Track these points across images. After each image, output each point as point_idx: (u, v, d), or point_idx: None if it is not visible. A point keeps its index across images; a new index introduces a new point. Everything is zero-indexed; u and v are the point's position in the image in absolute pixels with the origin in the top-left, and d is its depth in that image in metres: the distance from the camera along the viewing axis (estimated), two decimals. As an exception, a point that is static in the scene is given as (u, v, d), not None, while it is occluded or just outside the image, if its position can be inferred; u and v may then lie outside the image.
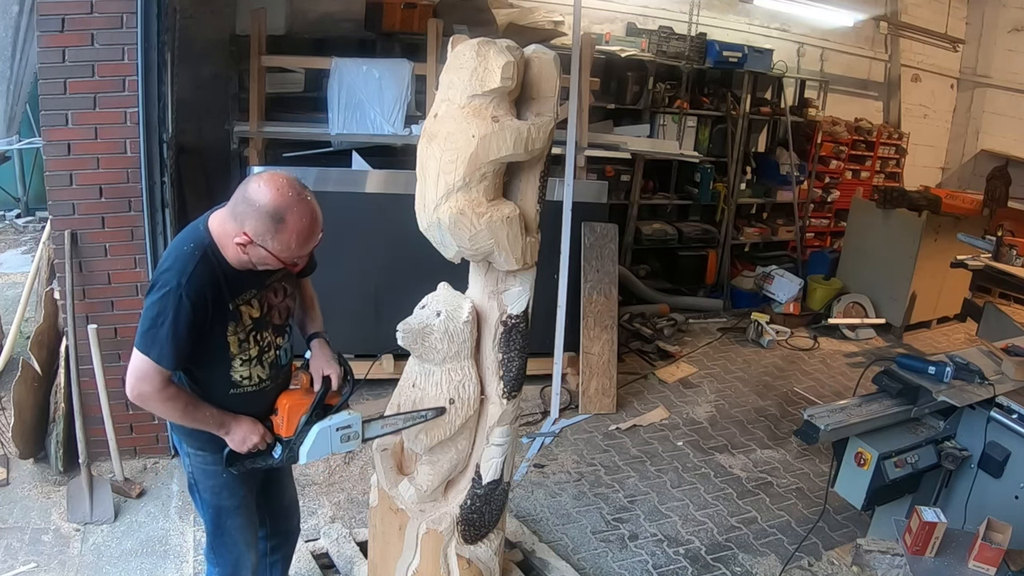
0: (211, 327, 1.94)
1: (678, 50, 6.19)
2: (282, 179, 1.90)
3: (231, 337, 2.00)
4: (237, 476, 2.14)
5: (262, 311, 2.06)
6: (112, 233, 3.33)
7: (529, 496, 3.64)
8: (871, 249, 6.37)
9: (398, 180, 4.30)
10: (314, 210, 1.92)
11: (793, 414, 4.66)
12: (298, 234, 1.89)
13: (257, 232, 1.87)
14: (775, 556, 3.35)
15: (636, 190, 6.20)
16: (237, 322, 2.00)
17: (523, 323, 2.27)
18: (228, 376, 2.05)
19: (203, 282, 1.89)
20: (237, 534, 2.26)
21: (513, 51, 2.00)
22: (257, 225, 1.86)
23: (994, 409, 2.87)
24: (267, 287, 2.07)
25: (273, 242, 1.88)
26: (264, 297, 2.07)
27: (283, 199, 1.86)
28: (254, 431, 2.04)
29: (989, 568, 2.35)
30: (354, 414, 2.10)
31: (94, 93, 3.17)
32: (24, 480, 3.39)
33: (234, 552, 2.28)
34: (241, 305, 2.00)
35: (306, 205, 1.89)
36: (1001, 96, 8.28)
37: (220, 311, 1.95)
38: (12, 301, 4.95)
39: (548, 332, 3.81)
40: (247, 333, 2.02)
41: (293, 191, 1.88)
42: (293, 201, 1.87)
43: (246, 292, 2.01)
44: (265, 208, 1.85)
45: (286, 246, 1.90)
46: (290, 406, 2.09)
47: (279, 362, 2.16)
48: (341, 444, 2.07)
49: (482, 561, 2.41)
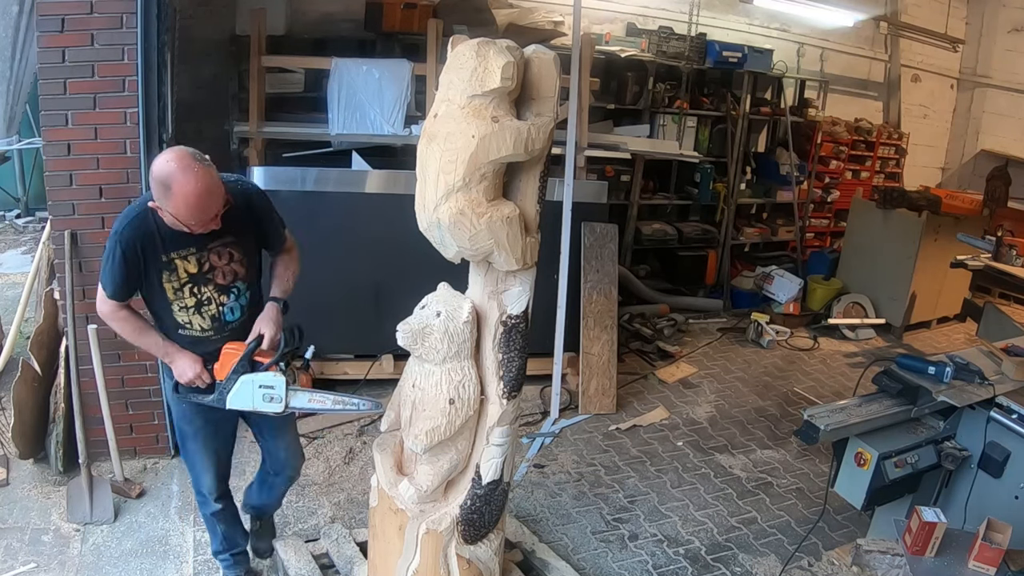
0: (147, 272, 2.28)
1: (678, 50, 6.19)
2: (174, 151, 2.15)
3: (166, 284, 2.32)
4: (194, 408, 2.46)
5: (200, 268, 2.34)
6: (112, 233, 3.33)
7: (529, 496, 3.64)
8: (871, 249, 6.37)
9: (398, 180, 4.30)
10: (200, 179, 2.11)
11: (793, 414, 4.66)
12: (184, 199, 2.11)
13: (157, 198, 2.16)
14: (775, 556, 3.35)
15: (636, 190, 6.20)
16: (171, 272, 2.31)
17: (523, 323, 2.27)
18: (173, 317, 2.38)
19: (136, 234, 2.23)
20: (195, 457, 2.61)
21: (513, 51, 2.00)
22: (155, 191, 2.15)
23: (994, 409, 2.87)
24: (208, 249, 2.33)
25: (167, 206, 2.14)
26: (205, 257, 2.34)
27: (168, 169, 2.10)
28: (191, 367, 2.35)
29: (989, 568, 2.35)
30: (280, 377, 2.30)
31: (94, 93, 3.17)
32: (24, 480, 3.39)
33: (194, 469, 2.66)
34: (176, 259, 2.30)
35: (191, 174, 2.10)
36: (1001, 96, 8.28)
37: (154, 260, 2.28)
38: (12, 301, 4.95)
39: (548, 332, 3.80)
40: (182, 284, 2.33)
41: (179, 162, 2.10)
42: (177, 170, 2.09)
43: (184, 249, 2.29)
44: (156, 177, 2.13)
45: (177, 210, 2.13)
46: (226, 354, 2.35)
47: (223, 317, 2.42)
48: (263, 402, 2.30)
49: (482, 561, 2.41)
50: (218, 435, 2.61)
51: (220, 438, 2.63)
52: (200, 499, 2.73)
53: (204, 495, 2.69)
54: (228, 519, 2.80)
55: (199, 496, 2.73)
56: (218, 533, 2.81)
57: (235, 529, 2.85)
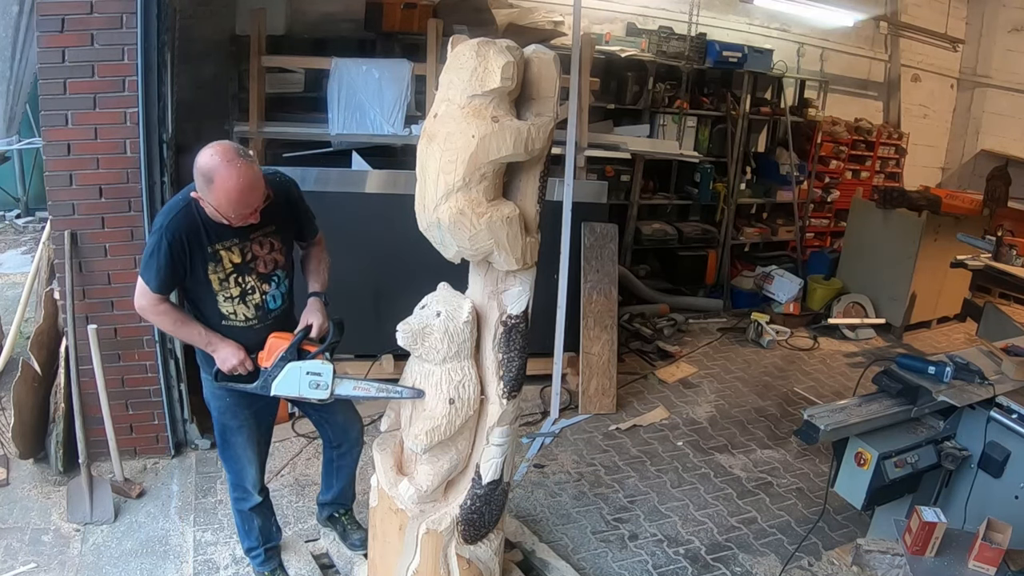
0: (193, 264, 2.32)
1: (678, 50, 6.19)
2: (219, 145, 2.19)
3: (212, 275, 2.36)
4: (239, 402, 2.52)
5: (244, 258, 2.39)
6: (112, 233, 3.33)
7: (529, 496, 3.64)
8: (871, 249, 6.37)
9: (398, 180, 4.30)
10: (243, 174, 2.16)
11: (793, 414, 4.66)
12: (226, 193, 2.17)
13: (200, 190, 2.22)
14: (775, 556, 3.35)
15: (636, 190, 6.19)
16: (217, 263, 2.35)
17: (523, 323, 2.27)
18: (217, 309, 2.41)
19: (182, 226, 2.27)
20: (240, 450, 2.63)
21: (513, 51, 2.00)
22: (198, 183, 2.21)
23: (994, 409, 2.87)
24: (251, 239, 2.40)
25: (209, 198, 2.20)
26: (248, 247, 2.40)
27: (212, 163, 2.15)
28: (235, 355, 2.38)
29: (989, 568, 2.34)
30: (327, 365, 2.34)
31: (94, 93, 3.17)
32: (24, 480, 3.40)
33: (238, 464, 2.66)
34: (221, 250, 2.34)
35: (234, 169, 2.15)
36: (1001, 96, 8.27)
37: (200, 252, 2.32)
38: (12, 301, 4.95)
39: (548, 332, 3.79)
40: (227, 275, 2.38)
41: (223, 156, 2.15)
42: (221, 164, 2.15)
43: (227, 240, 2.35)
44: (200, 169, 2.18)
45: (219, 203, 2.20)
46: (272, 342, 2.39)
47: (266, 305, 2.48)
48: (309, 389, 2.32)
49: (482, 561, 2.42)
50: (260, 427, 2.66)
51: (262, 429, 2.69)
52: (240, 494, 2.72)
53: (247, 489, 2.69)
54: (266, 513, 2.81)
55: (239, 491, 2.71)
56: (254, 528, 2.79)
57: (270, 523, 2.86)
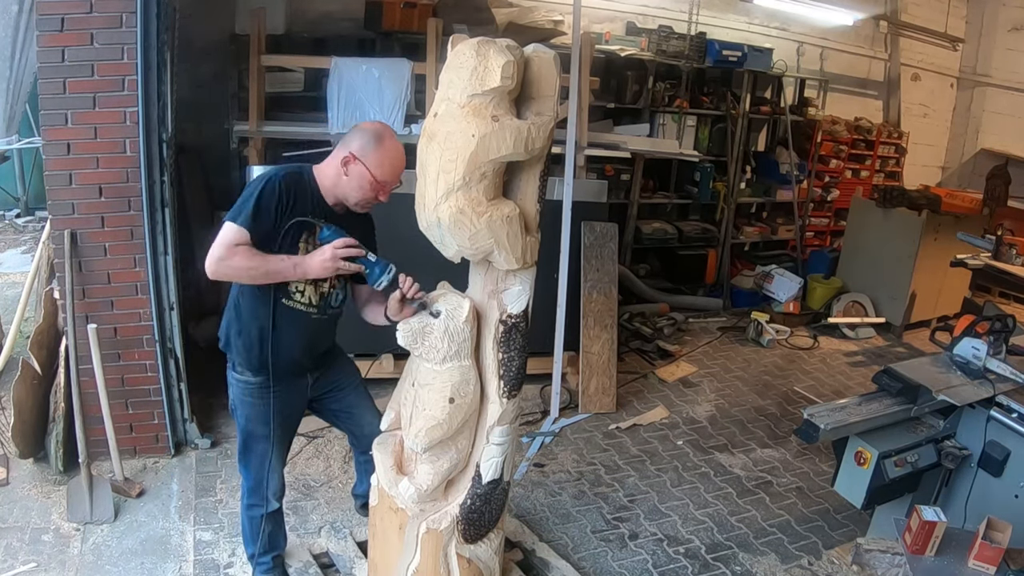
0: (288, 224, 2.26)
1: (678, 49, 6.18)
2: (381, 123, 2.41)
3: (302, 244, 2.31)
4: (269, 409, 2.46)
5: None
6: (112, 233, 3.33)
7: (529, 495, 3.64)
8: (871, 248, 6.37)
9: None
10: (401, 146, 2.34)
11: (793, 413, 4.66)
12: (390, 155, 2.29)
13: (360, 149, 2.27)
14: (775, 555, 3.35)
15: (636, 189, 6.20)
16: (311, 235, 2.32)
17: (523, 322, 2.27)
18: (287, 283, 2.34)
19: (293, 182, 2.29)
20: (261, 459, 2.56)
21: (513, 50, 2.00)
22: (361, 143, 2.28)
23: (994, 408, 2.87)
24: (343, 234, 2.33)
25: (372, 156, 2.26)
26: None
27: (383, 128, 2.33)
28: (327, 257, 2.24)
29: (989, 567, 2.35)
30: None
31: (94, 93, 3.17)
32: (24, 480, 3.39)
33: (258, 472, 2.59)
34: (319, 223, 2.30)
35: (397, 140, 2.33)
36: (1001, 95, 8.27)
37: (301, 214, 2.28)
38: (12, 301, 4.95)
39: (548, 331, 3.80)
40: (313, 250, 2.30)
41: (390, 129, 2.35)
42: (389, 132, 2.33)
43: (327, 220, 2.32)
44: (368, 131, 2.30)
45: (379, 164, 2.27)
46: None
47: (330, 300, 2.45)
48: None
49: (482, 560, 2.42)
50: (287, 435, 2.64)
51: (288, 437, 2.67)
52: (256, 500, 2.63)
53: (266, 497, 2.62)
54: (278, 520, 2.76)
55: (256, 497, 2.63)
56: (264, 536, 2.69)
57: (280, 531, 2.80)
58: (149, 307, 3.44)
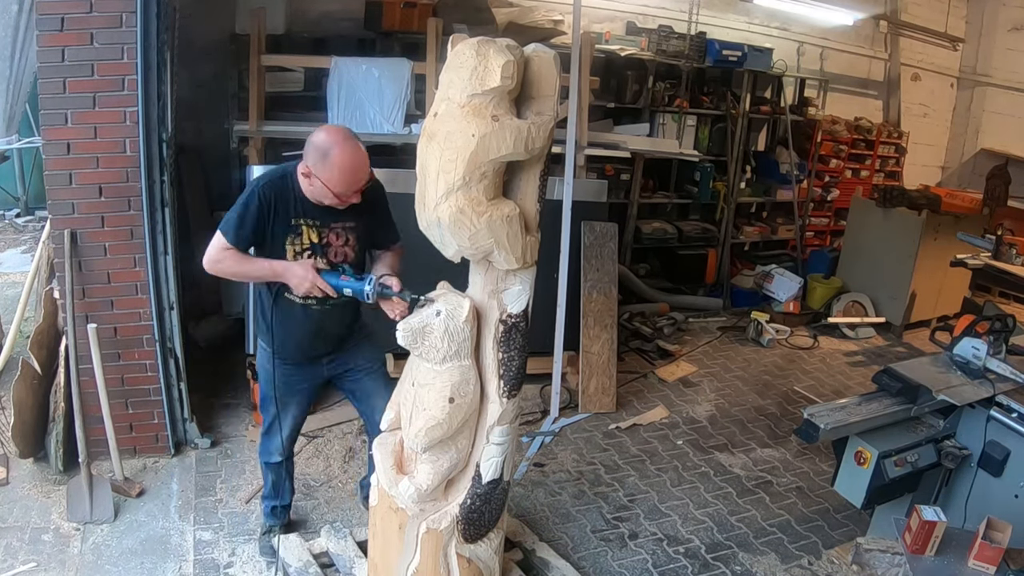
0: (275, 232, 2.48)
1: (678, 49, 6.18)
2: (333, 127, 2.45)
3: (288, 246, 2.50)
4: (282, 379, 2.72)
5: (320, 240, 2.53)
6: (112, 232, 3.33)
7: (529, 495, 3.64)
8: (871, 248, 6.37)
9: (398, 179, 4.26)
10: (356, 152, 2.38)
11: (793, 413, 4.66)
12: (340, 167, 2.35)
13: (314, 165, 2.37)
14: (775, 555, 3.35)
15: (636, 189, 6.19)
16: (296, 236, 2.50)
17: (523, 322, 2.27)
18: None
19: (274, 190, 2.46)
20: (270, 417, 2.83)
21: (513, 50, 2.00)
22: (313, 159, 2.37)
23: (994, 408, 2.87)
24: (331, 227, 2.54)
25: (324, 174, 2.36)
26: (326, 232, 2.54)
27: (331, 139, 2.36)
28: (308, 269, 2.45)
29: (989, 567, 2.35)
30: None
31: (93, 93, 3.17)
32: (24, 479, 3.39)
33: (267, 426, 2.88)
34: (303, 225, 2.50)
35: (350, 145, 2.37)
36: (1001, 95, 8.27)
37: (284, 219, 2.47)
38: (12, 301, 4.95)
39: (548, 331, 3.79)
40: (302, 249, 2.52)
41: (340, 135, 2.38)
42: (338, 140, 2.36)
43: (312, 219, 2.50)
44: (316, 145, 2.36)
45: (331, 179, 2.36)
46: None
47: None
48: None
49: (482, 560, 2.42)
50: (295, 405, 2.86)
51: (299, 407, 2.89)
52: (265, 446, 2.94)
53: (268, 449, 2.92)
54: (281, 473, 3.01)
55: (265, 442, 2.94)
56: (268, 481, 3.04)
57: (283, 483, 3.04)
58: (149, 307, 3.44)
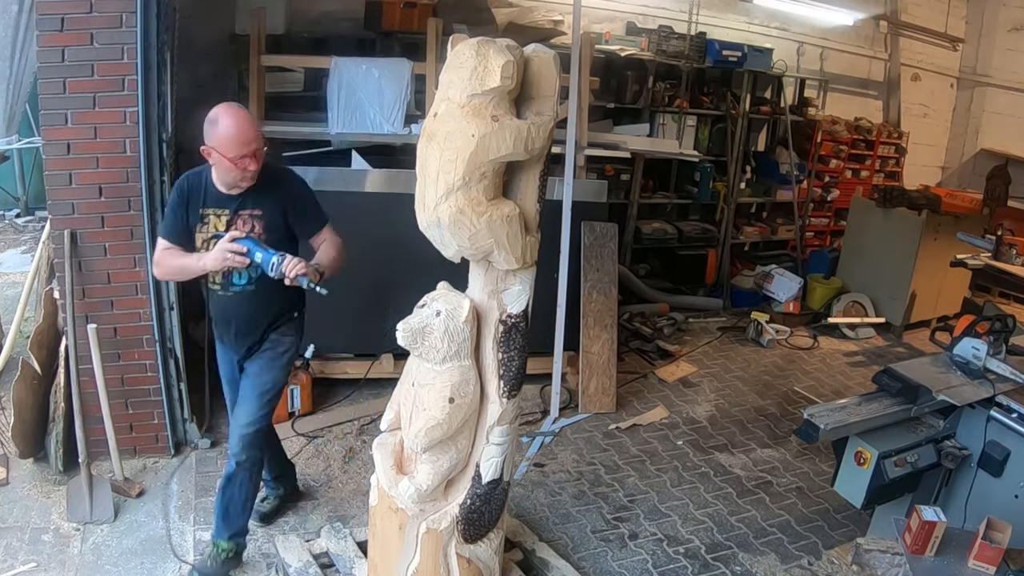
0: (189, 223, 2.65)
1: (678, 49, 6.19)
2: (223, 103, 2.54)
3: (197, 235, 2.67)
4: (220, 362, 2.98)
5: (227, 228, 2.63)
6: (112, 232, 3.33)
7: (529, 495, 3.64)
8: (871, 248, 6.37)
9: (398, 179, 4.30)
10: (239, 112, 2.53)
11: (793, 413, 4.66)
12: (229, 133, 2.47)
13: (207, 137, 2.50)
14: (775, 555, 3.35)
15: (636, 189, 6.19)
16: (204, 226, 2.66)
17: (523, 322, 2.27)
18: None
19: (189, 182, 2.65)
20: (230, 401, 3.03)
21: (513, 50, 2.00)
22: (206, 132, 2.50)
23: (994, 408, 2.87)
24: (237, 215, 2.64)
25: (215, 141, 2.48)
26: (233, 220, 2.64)
27: (216, 111, 2.51)
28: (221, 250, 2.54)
29: (989, 567, 2.34)
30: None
31: (93, 93, 3.17)
32: (24, 480, 3.40)
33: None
34: (210, 215, 2.65)
35: (232, 109, 2.52)
36: (1001, 95, 8.27)
37: (195, 211, 2.65)
38: (12, 301, 4.95)
39: (548, 331, 3.80)
40: (207, 239, 2.65)
41: (225, 105, 2.53)
42: (223, 109, 2.51)
43: (220, 208, 2.64)
44: (208, 119, 2.50)
45: (222, 144, 2.48)
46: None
47: (231, 277, 2.69)
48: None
49: (482, 560, 2.42)
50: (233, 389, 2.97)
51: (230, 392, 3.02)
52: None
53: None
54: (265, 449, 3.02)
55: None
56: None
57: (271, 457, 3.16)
58: (149, 307, 3.44)
